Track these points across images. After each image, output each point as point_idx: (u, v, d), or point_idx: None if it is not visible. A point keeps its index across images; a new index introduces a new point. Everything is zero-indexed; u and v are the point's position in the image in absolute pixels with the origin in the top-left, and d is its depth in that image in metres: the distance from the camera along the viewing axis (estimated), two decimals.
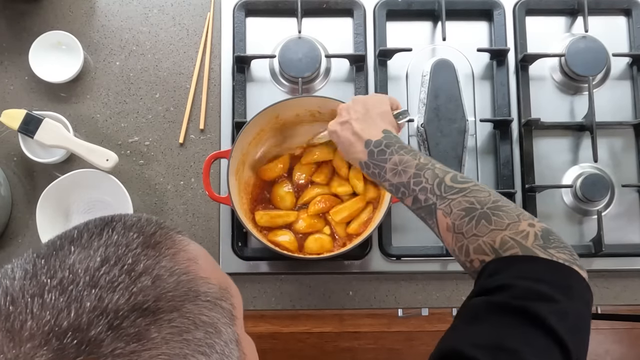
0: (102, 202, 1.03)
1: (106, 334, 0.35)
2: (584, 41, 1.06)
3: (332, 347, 1.78)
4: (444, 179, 0.68)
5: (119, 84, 1.07)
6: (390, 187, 0.73)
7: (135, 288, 0.37)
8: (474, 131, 1.06)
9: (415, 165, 0.71)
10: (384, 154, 0.74)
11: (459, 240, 0.64)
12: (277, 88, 1.07)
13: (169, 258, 0.41)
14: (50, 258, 0.39)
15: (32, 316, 0.35)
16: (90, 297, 0.36)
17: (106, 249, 0.39)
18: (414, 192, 0.70)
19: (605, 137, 1.06)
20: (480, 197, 0.65)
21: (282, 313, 1.68)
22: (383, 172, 0.73)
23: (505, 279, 0.57)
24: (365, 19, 1.08)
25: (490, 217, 0.62)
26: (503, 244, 0.60)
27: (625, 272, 1.04)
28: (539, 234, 0.60)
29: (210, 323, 0.40)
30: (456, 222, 0.64)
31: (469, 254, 0.63)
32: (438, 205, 0.67)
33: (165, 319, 0.37)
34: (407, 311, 1.09)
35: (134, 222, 0.43)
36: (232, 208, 0.93)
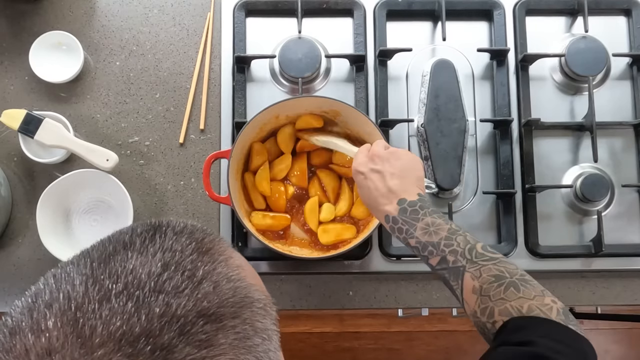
0: (102, 202, 1.03)
1: (178, 339, 0.35)
2: (584, 41, 1.06)
3: (332, 347, 1.78)
4: (475, 246, 0.71)
5: (119, 84, 1.07)
6: (416, 244, 0.74)
7: (199, 294, 0.37)
8: (474, 131, 1.06)
9: (448, 230, 0.73)
10: (417, 214, 0.75)
11: (484, 302, 0.67)
12: (277, 88, 1.08)
13: (223, 264, 0.41)
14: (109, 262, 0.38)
15: (102, 322, 0.34)
16: (158, 303, 0.36)
17: (164, 255, 0.39)
18: (444, 252, 0.71)
19: (605, 137, 1.06)
20: (510, 268, 0.68)
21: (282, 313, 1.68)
22: (413, 229, 0.74)
23: (529, 336, 0.60)
24: (365, 19, 1.08)
25: (519, 286, 0.66)
26: (530, 310, 0.64)
27: (625, 272, 1.04)
28: (561, 310, 0.64)
29: (264, 329, 0.41)
30: (484, 285, 0.67)
31: (493, 315, 0.65)
32: (467, 268, 0.69)
33: (229, 325, 0.38)
34: (407, 311, 1.09)
35: (182, 228, 0.43)
36: (232, 208, 0.93)
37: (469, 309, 0.69)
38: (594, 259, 1.02)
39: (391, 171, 0.79)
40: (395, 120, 1.04)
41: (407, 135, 1.06)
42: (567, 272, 1.03)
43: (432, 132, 1.01)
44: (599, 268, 1.03)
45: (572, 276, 1.03)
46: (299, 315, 1.75)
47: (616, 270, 1.03)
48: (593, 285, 1.04)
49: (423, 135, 1.02)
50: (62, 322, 0.35)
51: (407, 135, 1.06)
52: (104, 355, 0.33)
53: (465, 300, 0.69)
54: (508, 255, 1.01)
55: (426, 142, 1.02)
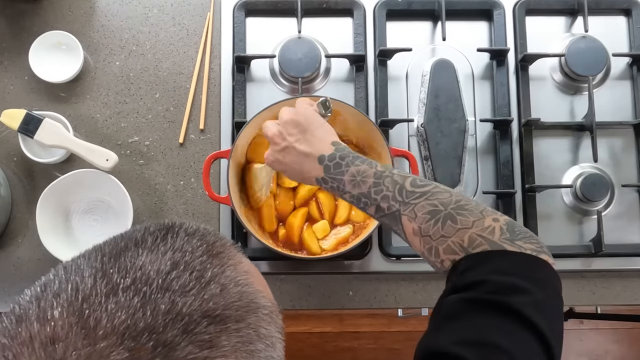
0: (102, 202, 1.03)
1: (181, 337, 0.35)
2: (584, 41, 1.06)
3: (332, 347, 1.78)
4: (404, 185, 0.68)
5: (119, 84, 1.07)
6: (351, 199, 0.73)
7: (206, 295, 0.38)
8: (474, 131, 1.06)
9: (374, 174, 0.71)
10: (340, 167, 0.73)
11: (427, 242, 0.65)
12: (277, 88, 1.07)
13: (231, 268, 0.42)
14: (119, 257, 0.39)
15: (107, 314, 0.35)
16: (164, 300, 0.36)
17: (174, 254, 0.40)
18: (376, 201, 0.70)
19: (605, 137, 1.06)
20: (443, 199, 0.65)
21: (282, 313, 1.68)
22: (342, 184, 0.73)
23: (477, 276, 0.58)
24: (365, 19, 1.08)
25: (455, 217, 0.63)
26: (471, 241, 0.61)
27: (625, 272, 1.04)
28: (504, 227, 0.61)
29: (268, 336, 0.41)
30: (422, 225, 0.65)
31: (439, 254, 0.64)
32: (402, 212, 0.67)
33: (233, 328, 0.38)
34: (407, 311, 1.09)
35: (195, 230, 0.44)
36: (232, 208, 0.93)
37: (416, 250, 0.67)
38: (594, 259, 1.02)
39: (294, 139, 0.78)
40: (395, 120, 1.04)
41: (407, 135, 1.06)
42: (567, 272, 1.03)
43: (432, 132, 1.01)
44: (599, 268, 1.03)
45: (572, 276, 1.03)
46: (299, 315, 1.75)
47: (616, 270, 1.03)
48: (593, 285, 1.04)
49: (423, 135, 1.02)
50: (68, 312, 0.35)
51: (407, 135, 1.06)
52: (106, 348, 0.33)
53: (411, 242, 0.68)
54: None
55: (426, 142, 1.02)
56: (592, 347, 1.81)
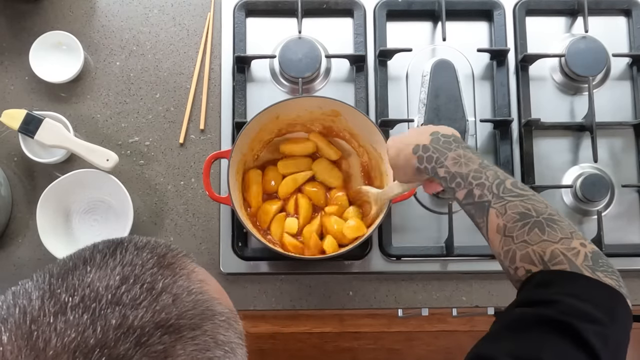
0: (103, 202, 1.03)
1: (134, 350, 0.35)
2: (584, 41, 1.06)
3: (332, 348, 1.77)
4: (504, 182, 0.67)
5: (119, 84, 1.07)
6: (445, 174, 0.72)
7: (157, 306, 0.38)
8: (474, 131, 1.06)
9: (479, 163, 0.70)
10: (449, 145, 0.73)
11: (507, 244, 0.63)
12: (277, 88, 1.08)
13: (184, 278, 0.41)
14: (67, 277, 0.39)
15: (57, 334, 0.34)
16: (114, 315, 0.36)
17: (123, 268, 0.40)
18: (471, 185, 0.69)
19: (605, 137, 1.06)
20: (538, 207, 0.64)
21: (282, 313, 1.68)
22: (443, 157, 0.72)
23: (551, 294, 0.57)
24: (366, 19, 1.08)
25: (544, 227, 0.62)
26: (553, 257, 0.59)
27: (625, 272, 1.02)
28: (589, 255, 0.60)
29: (227, 342, 0.41)
30: (508, 224, 0.64)
31: (515, 260, 0.62)
32: (492, 204, 0.66)
33: (188, 336, 0.38)
34: (407, 311, 1.09)
35: (144, 243, 0.43)
36: (232, 208, 0.93)
37: (493, 249, 0.66)
38: None
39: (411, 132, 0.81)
40: (395, 120, 1.04)
41: None
42: None
43: None
44: None
45: None
46: (299, 315, 1.75)
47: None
48: None
49: None
50: (17, 335, 0.35)
51: None
52: None
53: (490, 240, 0.66)
54: None
55: None
56: None
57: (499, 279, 1.02)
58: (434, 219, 1.03)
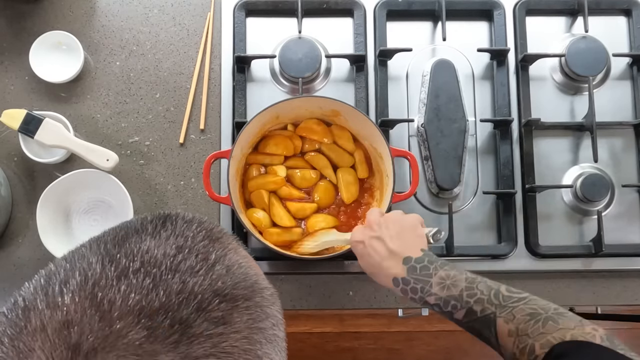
0: (103, 202, 1.03)
1: (196, 314, 0.36)
2: (584, 41, 1.06)
3: (332, 347, 1.77)
4: (500, 290, 0.69)
5: (119, 84, 1.07)
6: (436, 301, 0.72)
7: (214, 274, 0.39)
8: (474, 131, 1.06)
9: (465, 279, 0.72)
10: (427, 269, 0.74)
11: (523, 341, 0.65)
12: (278, 88, 1.08)
13: (232, 252, 0.43)
14: (124, 244, 0.39)
15: (121, 296, 0.35)
16: (175, 281, 0.37)
17: (176, 239, 0.41)
18: (468, 304, 0.70)
19: (605, 137, 1.06)
20: (542, 305, 0.67)
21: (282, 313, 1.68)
22: (428, 286, 0.73)
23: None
24: (366, 19, 1.08)
25: (557, 319, 0.64)
26: (574, 338, 0.62)
27: (625, 272, 1.04)
28: (604, 337, 0.62)
29: (273, 316, 0.42)
30: (520, 326, 0.66)
31: (534, 351, 0.63)
32: (498, 314, 0.68)
33: (242, 306, 0.39)
34: (407, 311, 1.09)
35: (191, 218, 0.45)
36: (232, 208, 0.93)
37: (506, 353, 0.67)
38: (594, 259, 1.02)
39: (390, 234, 0.78)
40: (395, 120, 1.04)
41: (407, 135, 1.06)
42: (568, 272, 1.03)
43: (432, 132, 1.01)
44: (599, 268, 1.03)
45: (572, 276, 1.03)
46: (299, 315, 1.75)
47: (616, 270, 1.03)
48: (593, 285, 1.04)
49: (423, 135, 1.02)
50: (80, 296, 0.35)
51: (407, 135, 1.06)
52: (123, 328, 0.34)
53: (503, 346, 0.68)
54: (508, 256, 1.01)
55: (426, 142, 1.02)
56: None
57: (499, 279, 1.02)
58: (434, 219, 1.03)
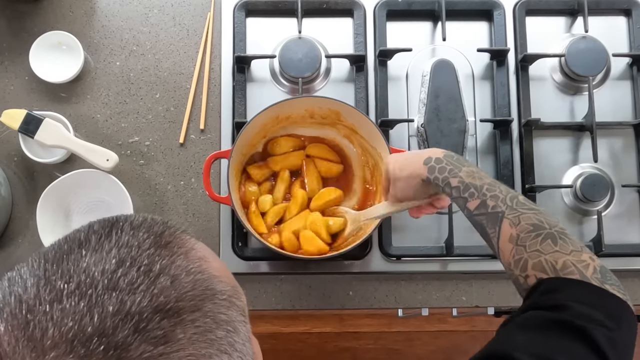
0: (103, 202, 1.03)
1: (133, 337, 0.34)
2: (584, 41, 1.06)
3: (332, 347, 1.77)
4: (518, 196, 0.70)
5: (119, 84, 1.07)
6: (458, 183, 0.74)
7: (155, 289, 0.37)
8: (474, 131, 1.06)
9: (491, 180, 0.73)
10: (461, 162, 0.76)
11: (519, 252, 0.65)
12: (277, 88, 1.08)
13: (182, 257, 0.40)
14: (62, 262, 0.37)
15: (53, 323, 0.34)
16: (111, 301, 0.35)
17: (119, 251, 0.38)
18: (485, 196, 0.71)
19: (605, 137, 1.06)
20: (550, 220, 0.67)
21: (282, 313, 1.68)
22: (457, 169, 0.75)
23: (561, 300, 0.59)
24: (366, 19, 1.08)
25: (557, 239, 0.64)
26: (565, 267, 0.62)
27: (625, 272, 1.04)
28: (598, 268, 0.62)
29: (228, 321, 0.40)
30: (521, 234, 0.66)
31: (526, 268, 0.64)
32: (506, 214, 0.68)
33: (189, 319, 0.37)
34: (407, 311, 1.09)
35: (141, 222, 0.42)
36: (232, 208, 0.93)
37: (503, 259, 0.68)
38: None
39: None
40: (395, 120, 1.04)
41: (407, 135, 1.06)
42: None
43: (432, 132, 1.01)
44: None
45: None
46: (299, 315, 1.75)
47: (616, 270, 1.01)
48: None
49: (423, 135, 1.02)
50: (13, 325, 0.34)
51: (407, 135, 1.06)
52: (55, 358, 0.33)
53: (501, 249, 0.68)
54: None
55: (426, 142, 1.02)
56: None
57: (499, 279, 1.02)
58: (434, 219, 1.03)
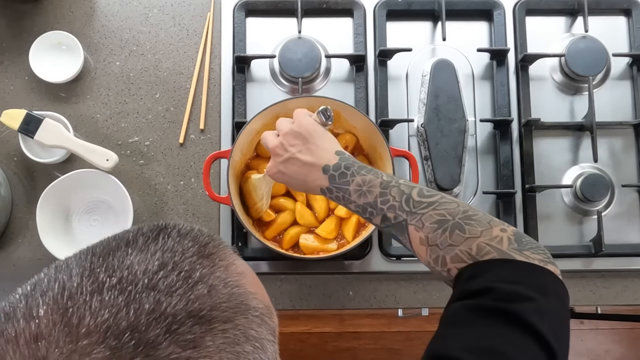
0: (103, 202, 1.03)
1: (164, 337, 0.35)
2: (584, 41, 1.06)
3: (332, 347, 1.78)
4: (411, 195, 0.68)
5: (119, 84, 1.07)
6: (357, 209, 0.73)
7: (192, 295, 0.38)
8: (474, 131, 1.06)
9: (380, 184, 0.71)
10: (345, 177, 0.73)
11: (434, 252, 0.65)
12: (277, 88, 1.08)
13: (222, 269, 0.42)
14: (108, 257, 0.39)
15: (91, 313, 0.35)
16: (149, 300, 0.36)
17: (163, 254, 0.40)
18: (382, 211, 0.69)
19: (605, 137, 1.06)
20: (450, 209, 0.65)
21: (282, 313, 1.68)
22: (347, 194, 0.73)
23: (483, 283, 0.58)
24: (365, 19, 1.08)
25: (464, 227, 0.63)
26: (480, 250, 0.61)
27: (625, 272, 1.04)
28: (512, 238, 0.62)
29: (258, 338, 0.41)
30: (429, 235, 0.65)
31: (446, 263, 0.64)
32: (409, 221, 0.67)
33: (219, 328, 0.38)
34: (407, 311, 1.09)
35: (188, 230, 0.44)
36: (232, 208, 0.93)
37: (422, 259, 0.67)
38: (594, 259, 1.02)
39: (297, 150, 0.77)
40: (395, 120, 1.04)
41: (407, 135, 1.06)
42: (567, 272, 1.03)
43: (432, 132, 1.01)
44: (599, 268, 1.03)
45: (572, 276, 1.03)
46: (299, 315, 1.75)
47: (616, 270, 1.03)
48: (593, 285, 1.04)
49: (423, 135, 1.02)
50: (53, 310, 0.35)
51: (407, 135, 1.06)
52: (87, 346, 0.34)
53: (417, 252, 0.68)
54: None
55: (426, 142, 1.02)
56: (592, 347, 1.81)
57: None
58: None
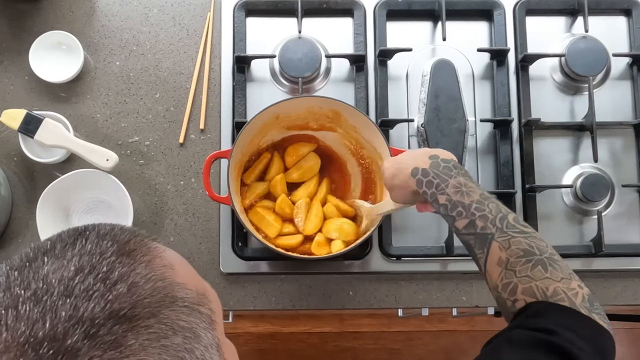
0: (103, 202, 1.03)
1: (82, 342, 0.35)
2: (584, 41, 1.06)
3: (332, 347, 1.78)
4: (507, 216, 0.69)
5: (119, 83, 1.07)
6: (446, 201, 0.72)
7: (110, 296, 0.37)
8: (474, 131, 1.06)
9: (480, 194, 0.71)
10: (450, 170, 0.74)
11: (508, 277, 0.65)
12: (277, 88, 1.08)
13: (144, 265, 0.41)
14: (24, 270, 0.39)
15: (7, 328, 0.35)
16: (65, 307, 0.36)
17: (80, 258, 0.39)
18: (474, 215, 0.69)
19: (605, 137, 1.06)
20: (540, 245, 0.66)
21: (282, 313, 1.68)
22: (444, 184, 0.72)
23: (549, 324, 0.59)
24: (366, 19, 1.08)
25: (547, 266, 0.64)
26: (555, 293, 0.62)
27: (625, 272, 1.04)
28: (586, 297, 0.63)
29: (188, 328, 0.40)
30: (511, 258, 0.65)
31: (516, 293, 0.64)
32: (496, 237, 0.67)
33: (142, 325, 0.37)
34: (407, 311, 1.09)
35: (108, 230, 0.43)
36: (232, 208, 0.93)
37: (491, 281, 0.67)
38: (594, 259, 1.02)
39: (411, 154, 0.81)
40: (395, 120, 1.04)
41: (407, 135, 1.06)
42: None
43: (432, 132, 1.01)
44: (599, 268, 1.03)
45: None
46: (299, 315, 1.75)
47: (616, 270, 1.03)
48: (593, 285, 1.04)
49: (423, 135, 1.02)
50: None
51: (407, 135, 1.06)
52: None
53: (489, 272, 0.67)
54: None
55: (426, 142, 1.02)
56: None
57: None
58: (434, 219, 1.03)
